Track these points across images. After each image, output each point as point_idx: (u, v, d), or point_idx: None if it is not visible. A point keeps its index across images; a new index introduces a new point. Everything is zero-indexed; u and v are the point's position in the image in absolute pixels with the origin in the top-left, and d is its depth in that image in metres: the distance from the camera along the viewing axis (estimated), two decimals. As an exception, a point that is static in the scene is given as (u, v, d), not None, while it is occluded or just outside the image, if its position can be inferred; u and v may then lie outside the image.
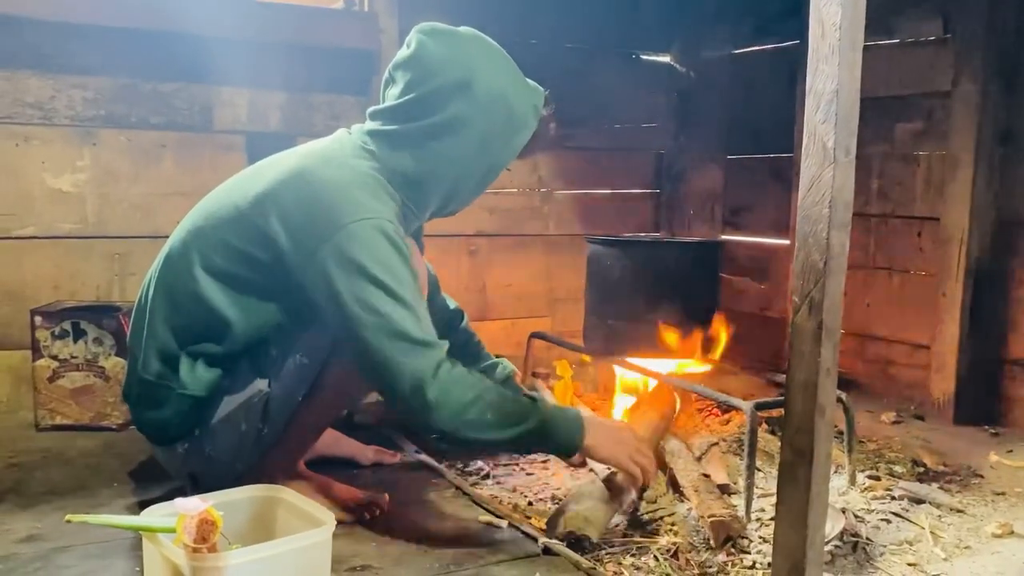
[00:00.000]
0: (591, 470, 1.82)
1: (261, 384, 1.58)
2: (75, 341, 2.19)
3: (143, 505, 1.31)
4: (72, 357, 2.20)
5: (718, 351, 2.40)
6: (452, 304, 2.03)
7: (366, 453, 2.00)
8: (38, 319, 2.18)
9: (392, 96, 1.60)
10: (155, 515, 1.25)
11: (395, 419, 2.18)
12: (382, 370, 1.46)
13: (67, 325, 2.19)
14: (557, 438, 1.56)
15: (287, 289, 1.54)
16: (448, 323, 1.97)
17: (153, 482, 1.80)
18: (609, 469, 1.70)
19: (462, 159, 1.59)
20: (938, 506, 1.84)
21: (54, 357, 2.19)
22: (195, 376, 1.58)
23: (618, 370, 2.40)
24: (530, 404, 1.55)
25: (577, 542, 1.55)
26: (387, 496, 1.71)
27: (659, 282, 2.30)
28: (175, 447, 1.62)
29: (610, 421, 1.94)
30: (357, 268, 1.45)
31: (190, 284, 1.57)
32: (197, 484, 1.63)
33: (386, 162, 1.58)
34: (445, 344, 1.50)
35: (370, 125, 1.63)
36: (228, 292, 1.56)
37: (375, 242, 1.47)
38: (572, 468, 1.98)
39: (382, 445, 2.07)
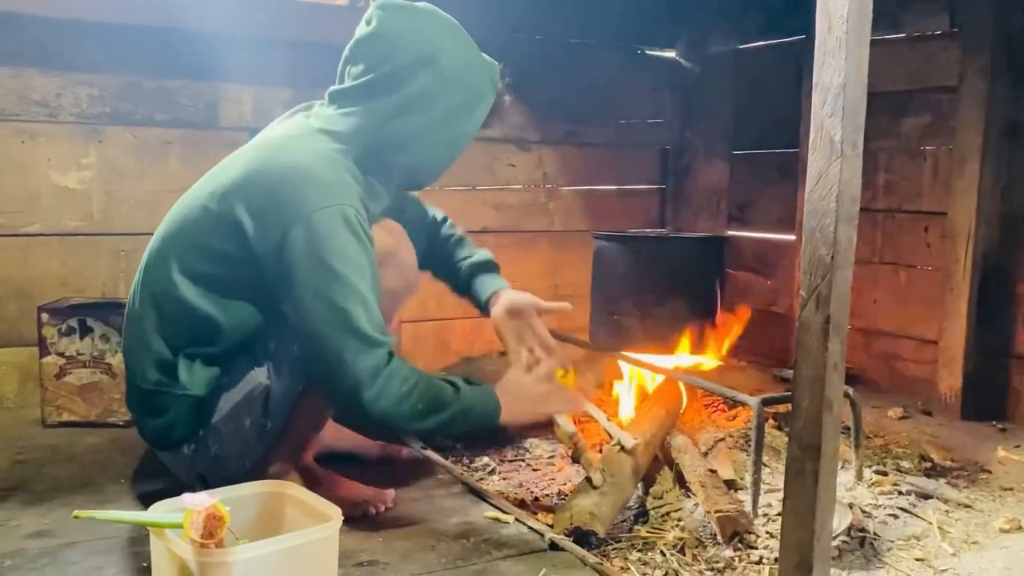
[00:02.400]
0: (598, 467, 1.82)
1: (260, 377, 1.58)
2: (82, 338, 2.20)
3: (150, 500, 1.31)
4: (79, 354, 2.20)
5: (724, 347, 2.40)
6: (432, 213, 1.98)
7: (372, 448, 2.00)
8: (45, 316, 2.19)
9: (353, 75, 1.61)
10: (162, 510, 1.25)
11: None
12: (328, 363, 1.47)
13: (74, 322, 2.19)
14: (478, 418, 1.60)
15: (265, 282, 1.53)
16: (430, 234, 1.95)
17: (160, 478, 1.80)
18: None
19: (426, 134, 1.60)
20: (946, 501, 1.83)
21: (61, 354, 2.19)
22: (194, 376, 1.57)
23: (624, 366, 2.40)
24: (452, 391, 1.56)
25: (583, 537, 1.55)
26: (393, 492, 1.72)
27: (665, 278, 2.30)
28: (181, 450, 1.62)
29: (521, 382, 1.73)
30: (318, 260, 1.45)
31: (172, 290, 1.56)
32: (207, 484, 1.63)
33: (349, 142, 1.58)
34: (391, 341, 1.51)
35: (331, 107, 1.63)
36: (209, 294, 1.56)
37: (337, 232, 1.47)
38: (577, 464, 1.98)
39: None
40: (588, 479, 1.68)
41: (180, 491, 1.29)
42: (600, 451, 1.94)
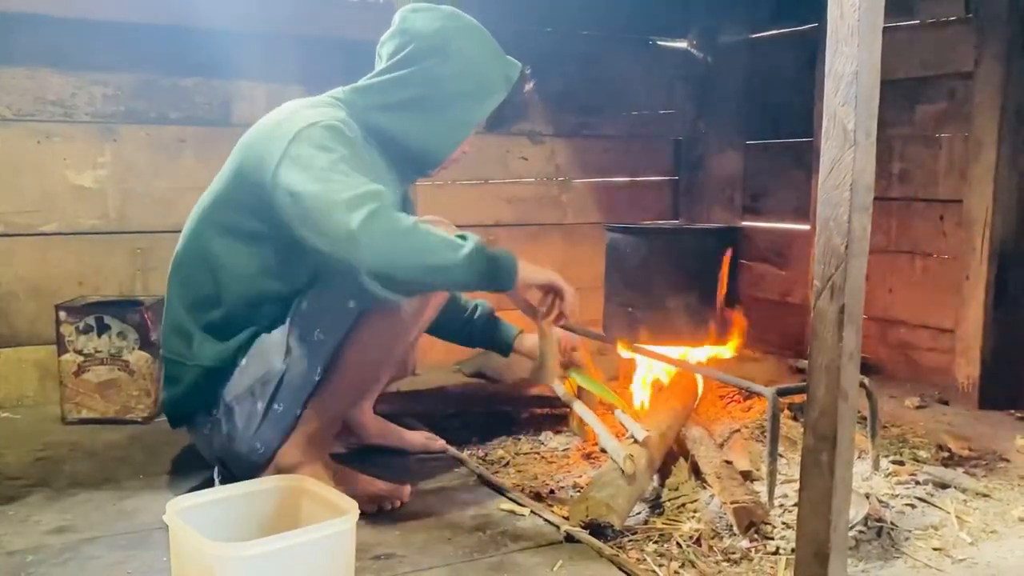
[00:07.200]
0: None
1: (276, 362, 1.62)
2: (99, 335, 2.22)
3: (170, 495, 1.33)
4: (97, 351, 2.22)
5: (739, 338, 2.39)
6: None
7: (415, 443, 2.04)
8: (63, 314, 2.21)
9: (374, 70, 1.75)
10: (180, 505, 1.26)
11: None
12: (318, 221, 1.46)
13: (91, 320, 2.21)
14: (495, 264, 1.56)
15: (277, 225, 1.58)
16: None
17: (179, 473, 1.83)
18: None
19: (427, 116, 1.71)
20: (963, 491, 1.82)
21: (79, 352, 2.21)
22: (204, 348, 1.63)
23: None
24: (460, 238, 1.54)
25: (599, 529, 1.55)
26: (409, 487, 1.72)
27: (678, 269, 2.29)
28: (200, 429, 1.67)
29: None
30: (298, 159, 1.51)
31: (197, 251, 1.66)
32: (226, 467, 1.67)
33: (358, 113, 1.69)
34: (381, 189, 1.50)
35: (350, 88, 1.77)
36: (227, 239, 1.63)
37: (318, 135, 1.54)
38: (591, 455, 1.98)
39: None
40: (620, 469, 1.68)
41: (200, 487, 1.31)
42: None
